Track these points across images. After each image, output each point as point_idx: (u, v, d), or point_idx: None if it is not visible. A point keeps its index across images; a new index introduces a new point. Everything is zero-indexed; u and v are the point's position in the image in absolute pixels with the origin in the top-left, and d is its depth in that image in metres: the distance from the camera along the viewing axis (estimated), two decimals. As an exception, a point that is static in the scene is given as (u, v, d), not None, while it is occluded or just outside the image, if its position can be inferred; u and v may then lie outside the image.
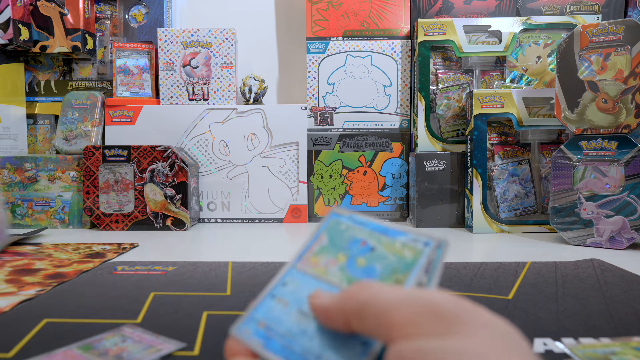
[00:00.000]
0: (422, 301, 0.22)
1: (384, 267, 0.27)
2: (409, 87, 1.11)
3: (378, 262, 0.28)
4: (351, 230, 0.30)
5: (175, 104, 1.09)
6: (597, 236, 0.82)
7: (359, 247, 0.29)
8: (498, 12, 1.08)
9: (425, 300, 0.22)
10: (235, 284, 0.58)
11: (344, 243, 0.30)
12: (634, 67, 0.79)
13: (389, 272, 0.27)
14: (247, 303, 0.42)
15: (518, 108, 0.94)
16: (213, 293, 0.55)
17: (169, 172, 0.99)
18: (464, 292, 0.55)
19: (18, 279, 0.61)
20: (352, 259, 0.28)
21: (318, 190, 1.10)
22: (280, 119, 1.07)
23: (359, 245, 0.29)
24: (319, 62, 1.10)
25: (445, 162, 1.01)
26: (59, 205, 1.02)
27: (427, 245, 0.27)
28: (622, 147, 0.81)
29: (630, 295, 0.54)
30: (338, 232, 0.31)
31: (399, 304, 0.22)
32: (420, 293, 0.22)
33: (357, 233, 0.30)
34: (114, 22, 1.17)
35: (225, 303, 0.51)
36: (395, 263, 0.27)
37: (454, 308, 0.21)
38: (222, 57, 1.09)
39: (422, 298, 0.22)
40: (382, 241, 0.29)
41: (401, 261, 0.27)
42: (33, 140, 1.17)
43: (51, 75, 1.17)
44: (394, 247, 0.28)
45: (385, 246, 0.28)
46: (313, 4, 1.10)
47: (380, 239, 0.29)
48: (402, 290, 0.23)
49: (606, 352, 0.37)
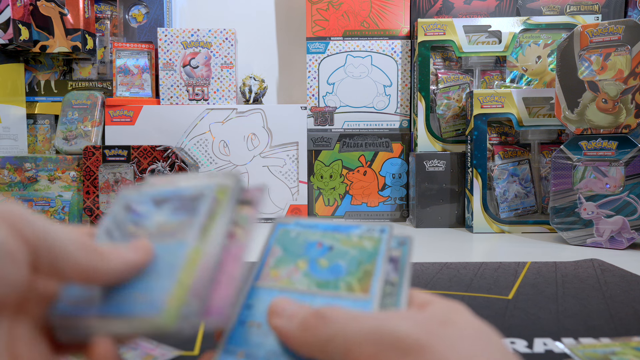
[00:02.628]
0: (385, 335, 0.21)
1: (348, 262, 0.27)
2: (409, 87, 1.11)
3: (341, 259, 0.27)
4: (303, 236, 0.30)
5: (175, 104, 1.09)
6: (597, 236, 0.82)
7: (316, 249, 0.29)
8: (498, 12, 1.08)
9: (388, 334, 0.21)
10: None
11: (299, 250, 0.29)
12: (634, 67, 0.79)
13: (355, 265, 0.27)
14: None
15: (518, 108, 0.94)
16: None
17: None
18: (464, 292, 0.55)
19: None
20: (313, 262, 0.28)
21: (318, 190, 1.10)
22: (280, 119, 1.07)
23: (316, 248, 0.29)
24: (319, 62, 1.10)
25: (445, 162, 1.01)
26: (59, 205, 1.02)
27: (383, 232, 0.28)
28: (622, 147, 0.81)
29: (630, 295, 0.54)
30: (289, 240, 0.30)
31: (363, 341, 0.22)
32: (384, 324, 0.22)
33: (310, 236, 0.29)
34: (114, 22, 1.17)
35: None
36: (358, 255, 0.27)
37: (418, 334, 0.21)
38: (222, 57, 1.09)
39: (385, 331, 0.22)
40: (338, 238, 0.29)
41: (363, 252, 0.27)
42: (33, 140, 1.17)
43: (51, 75, 1.17)
44: (352, 241, 0.28)
45: (343, 242, 0.28)
46: (313, 4, 1.10)
47: (335, 236, 0.29)
48: (365, 322, 0.22)
49: (606, 352, 0.37)
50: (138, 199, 0.30)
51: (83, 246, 0.24)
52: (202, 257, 0.26)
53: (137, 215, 0.29)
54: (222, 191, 0.28)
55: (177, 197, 0.29)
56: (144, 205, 0.30)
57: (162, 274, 0.26)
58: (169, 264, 0.26)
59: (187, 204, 0.29)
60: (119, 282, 0.25)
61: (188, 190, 0.29)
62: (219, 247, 0.26)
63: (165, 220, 0.29)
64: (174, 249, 0.27)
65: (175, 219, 0.28)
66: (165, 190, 0.30)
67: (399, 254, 0.28)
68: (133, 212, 0.29)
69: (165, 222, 0.28)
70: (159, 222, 0.28)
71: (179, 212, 0.28)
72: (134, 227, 0.29)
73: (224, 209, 0.28)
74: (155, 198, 0.30)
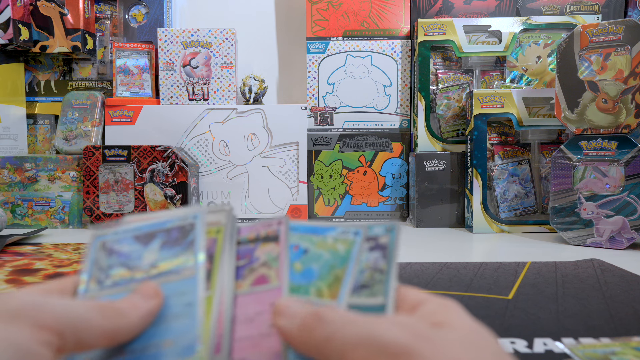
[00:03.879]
0: (374, 340, 0.22)
1: (320, 267, 0.27)
2: (409, 87, 1.11)
3: (314, 263, 0.27)
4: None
5: (175, 104, 1.09)
6: (597, 236, 0.82)
7: (292, 252, 0.28)
8: (498, 12, 1.08)
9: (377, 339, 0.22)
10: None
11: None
12: (634, 67, 0.79)
13: (327, 269, 0.27)
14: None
15: (518, 108, 0.94)
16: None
17: (169, 172, 0.99)
18: (464, 292, 0.55)
19: (18, 279, 0.61)
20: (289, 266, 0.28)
21: (318, 190, 1.10)
22: (280, 119, 1.07)
23: (293, 251, 0.28)
24: (319, 62, 1.11)
25: (445, 162, 1.01)
26: (59, 205, 1.02)
27: (357, 235, 0.28)
28: (622, 147, 0.81)
29: (630, 295, 0.54)
30: None
31: (356, 345, 0.22)
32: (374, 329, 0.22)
33: (290, 239, 0.29)
34: (114, 22, 1.17)
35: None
36: (331, 259, 0.27)
37: (405, 340, 0.22)
38: (222, 57, 1.09)
39: (375, 336, 0.22)
40: (314, 241, 0.28)
41: (336, 256, 0.27)
42: (33, 140, 1.17)
43: (51, 75, 1.17)
44: (326, 244, 0.28)
45: (318, 245, 0.28)
46: (313, 4, 1.10)
47: (311, 239, 0.28)
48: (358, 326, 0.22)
49: (606, 352, 0.37)
50: (115, 238, 0.28)
51: (102, 310, 0.23)
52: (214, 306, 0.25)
53: (123, 256, 0.28)
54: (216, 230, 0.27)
55: (161, 231, 0.28)
56: (125, 244, 0.28)
57: (180, 315, 0.25)
58: (184, 303, 0.25)
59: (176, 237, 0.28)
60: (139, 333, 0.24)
61: (170, 223, 0.28)
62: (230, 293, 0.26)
63: (158, 257, 0.27)
64: (184, 286, 0.26)
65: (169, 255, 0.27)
66: (143, 225, 0.28)
67: (387, 240, 0.27)
68: (116, 253, 0.28)
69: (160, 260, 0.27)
70: (152, 260, 0.27)
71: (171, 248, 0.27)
72: (125, 270, 0.27)
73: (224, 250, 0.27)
74: (135, 235, 0.28)
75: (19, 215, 1.02)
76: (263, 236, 0.28)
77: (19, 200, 1.02)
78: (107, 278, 0.27)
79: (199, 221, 0.28)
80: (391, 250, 0.27)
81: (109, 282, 0.27)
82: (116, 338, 0.24)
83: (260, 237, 0.28)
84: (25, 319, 0.21)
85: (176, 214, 0.28)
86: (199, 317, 0.24)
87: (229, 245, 0.27)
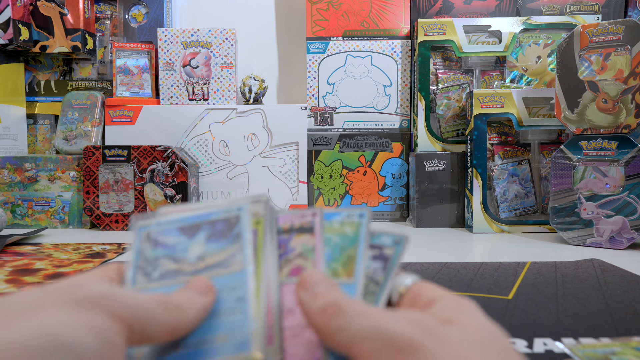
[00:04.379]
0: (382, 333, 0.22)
1: (332, 249, 0.28)
2: (409, 87, 1.11)
3: (326, 247, 0.28)
4: None
5: (175, 104, 1.09)
6: (597, 236, 0.82)
7: None
8: (498, 12, 1.08)
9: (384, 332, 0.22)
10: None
11: None
12: (634, 67, 0.79)
13: (339, 250, 0.28)
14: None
15: (518, 108, 0.94)
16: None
17: (169, 172, 0.99)
18: (464, 292, 0.55)
19: (18, 279, 0.61)
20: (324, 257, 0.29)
21: (318, 190, 1.10)
22: (280, 119, 1.07)
23: None
24: (319, 62, 1.10)
25: (445, 162, 1.01)
26: (59, 205, 1.02)
27: (362, 217, 0.28)
28: (622, 147, 0.81)
29: (630, 295, 0.54)
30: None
31: (366, 338, 0.22)
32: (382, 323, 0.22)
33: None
34: (114, 22, 1.17)
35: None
36: (341, 241, 0.28)
37: (412, 334, 0.22)
38: (222, 57, 1.09)
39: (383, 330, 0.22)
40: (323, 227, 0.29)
41: (345, 238, 0.28)
42: (33, 140, 1.17)
43: (51, 75, 1.17)
44: (333, 228, 0.28)
45: (327, 230, 0.28)
46: (313, 4, 1.10)
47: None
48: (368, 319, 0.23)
49: (606, 352, 0.37)
50: (160, 229, 0.28)
51: (164, 305, 0.23)
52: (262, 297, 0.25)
53: (169, 248, 0.28)
54: (257, 221, 0.28)
55: (206, 223, 0.28)
56: (170, 235, 0.28)
57: (232, 310, 0.25)
58: (235, 298, 0.25)
59: (221, 229, 0.28)
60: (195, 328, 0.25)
61: (215, 215, 0.28)
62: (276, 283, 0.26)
63: (205, 250, 0.27)
64: (233, 280, 0.26)
65: (216, 248, 0.27)
66: (189, 216, 0.28)
67: (392, 252, 0.28)
68: (162, 245, 0.28)
69: (207, 253, 0.27)
70: (199, 253, 0.27)
71: (218, 240, 0.27)
72: (172, 262, 0.27)
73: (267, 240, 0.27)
74: (181, 227, 0.28)
75: (19, 215, 1.02)
76: (297, 227, 0.28)
77: (19, 200, 1.02)
78: (154, 270, 0.27)
79: (244, 213, 0.28)
80: (392, 264, 0.27)
81: (157, 275, 0.27)
82: (176, 333, 0.24)
83: (295, 227, 0.28)
84: (102, 307, 0.21)
85: (220, 205, 0.28)
86: (251, 312, 0.25)
87: (270, 236, 0.27)
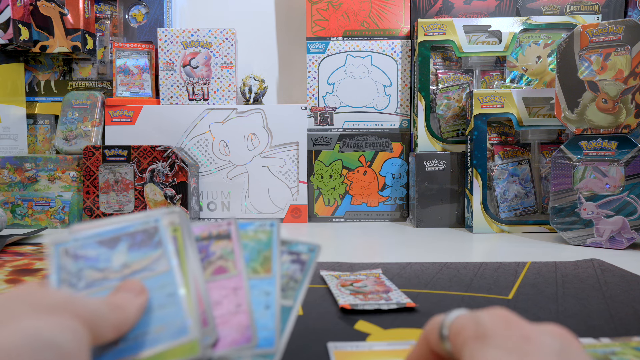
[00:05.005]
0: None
1: (249, 252, 0.32)
2: (409, 87, 1.11)
3: (244, 250, 0.32)
4: None
5: (175, 104, 1.09)
6: (597, 236, 0.82)
7: None
8: (498, 12, 1.08)
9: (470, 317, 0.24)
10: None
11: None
12: (634, 67, 0.79)
13: (255, 253, 0.32)
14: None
15: (518, 108, 0.94)
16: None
17: (169, 172, 0.99)
18: (464, 292, 0.55)
19: (18, 279, 0.61)
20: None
21: (318, 190, 1.10)
22: (280, 119, 1.07)
23: None
24: (319, 62, 1.10)
25: (445, 162, 1.01)
26: (59, 205, 1.02)
27: (272, 226, 0.33)
28: (622, 147, 0.81)
29: (630, 295, 0.54)
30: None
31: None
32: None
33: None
34: (114, 22, 1.17)
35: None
36: (257, 245, 0.32)
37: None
38: (222, 57, 1.09)
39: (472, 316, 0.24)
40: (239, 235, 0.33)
41: (260, 242, 0.32)
42: (33, 140, 1.17)
43: (51, 75, 1.17)
44: (248, 235, 0.32)
45: (242, 237, 0.32)
46: (313, 4, 1.10)
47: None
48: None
49: (606, 352, 0.37)
50: (78, 244, 0.29)
51: (109, 305, 0.25)
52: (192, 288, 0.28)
53: (91, 259, 0.29)
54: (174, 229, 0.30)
55: (125, 235, 0.30)
56: (90, 249, 0.29)
57: (166, 304, 0.27)
58: (165, 294, 0.28)
59: (142, 239, 0.29)
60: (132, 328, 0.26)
61: (132, 227, 0.30)
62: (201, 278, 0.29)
63: (128, 259, 0.29)
64: (161, 280, 0.28)
65: (139, 256, 0.29)
66: (106, 230, 0.30)
67: (307, 258, 0.33)
68: (83, 258, 0.29)
69: (131, 261, 0.29)
70: (123, 261, 0.29)
71: (139, 249, 0.29)
72: (96, 272, 0.28)
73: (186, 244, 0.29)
74: (99, 240, 0.29)
75: (19, 215, 1.02)
76: (215, 234, 0.32)
77: (19, 200, 1.02)
78: (79, 281, 0.28)
79: (161, 223, 0.30)
80: (308, 267, 0.32)
81: (82, 284, 0.28)
82: (120, 330, 0.25)
83: (213, 235, 0.32)
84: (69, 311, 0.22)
85: (135, 218, 0.30)
86: (184, 303, 0.27)
87: (189, 240, 0.30)
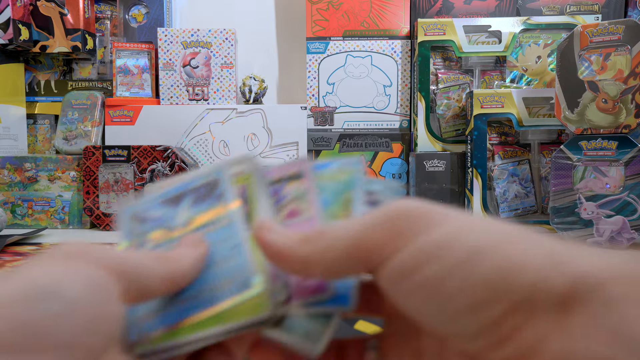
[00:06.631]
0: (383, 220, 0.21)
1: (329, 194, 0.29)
2: (409, 87, 1.11)
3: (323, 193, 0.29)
4: None
5: (175, 104, 1.09)
6: (597, 236, 0.82)
7: None
8: (498, 12, 1.08)
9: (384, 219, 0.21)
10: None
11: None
12: (634, 67, 0.79)
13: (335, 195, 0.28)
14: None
15: (518, 108, 0.94)
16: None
17: (169, 172, 0.99)
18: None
19: (18, 279, 0.61)
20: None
21: (318, 190, 1.10)
22: (280, 119, 1.07)
23: None
24: (319, 62, 1.10)
25: (445, 162, 1.01)
26: (59, 205, 1.02)
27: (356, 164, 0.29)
28: (622, 147, 0.81)
29: (630, 295, 0.54)
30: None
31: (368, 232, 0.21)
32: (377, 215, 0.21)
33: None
34: (114, 22, 1.17)
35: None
36: (336, 186, 0.29)
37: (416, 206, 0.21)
38: (222, 57, 1.09)
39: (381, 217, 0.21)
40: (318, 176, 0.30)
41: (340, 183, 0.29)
42: (33, 140, 1.17)
43: (51, 75, 1.17)
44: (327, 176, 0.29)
45: (322, 178, 0.29)
46: (313, 4, 1.10)
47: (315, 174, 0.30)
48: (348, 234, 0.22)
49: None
50: (144, 208, 0.28)
51: (156, 258, 0.23)
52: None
53: (157, 221, 0.28)
54: (244, 177, 0.28)
55: (187, 191, 0.28)
56: (156, 210, 0.28)
57: (230, 257, 0.25)
58: (229, 247, 0.25)
59: (204, 193, 0.28)
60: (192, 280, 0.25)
61: (194, 182, 0.28)
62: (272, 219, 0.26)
63: (191, 214, 0.27)
64: (224, 233, 0.26)
65: (201, 210, 0.27)
66: (168, 190, 0.29)
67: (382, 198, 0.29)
68: (149, 220, 0.28)
69: (194, 215, 0.27)
70: (187, 217, 0.27)
71: (202, 203, 0.27)
72: (163, 231, 0.27)
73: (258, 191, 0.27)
74: (163, 200, 0.28)
75: (19, 215, 1.02)
76: (287, 176, 0.29)
77: (19, 200, 1.02)
78: (147, 242, 0.27)
79: (222, 175, 0.28)
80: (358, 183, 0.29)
81: (150, 245, 0.27)
82: (174, 283, 0.23)
83: (285, 177, 0.29)
84: (89, 259, 0.20)
85: (198, 173, 0.29)
86: (248, 254, 0.25)
87: (261, 186, 0.27)
